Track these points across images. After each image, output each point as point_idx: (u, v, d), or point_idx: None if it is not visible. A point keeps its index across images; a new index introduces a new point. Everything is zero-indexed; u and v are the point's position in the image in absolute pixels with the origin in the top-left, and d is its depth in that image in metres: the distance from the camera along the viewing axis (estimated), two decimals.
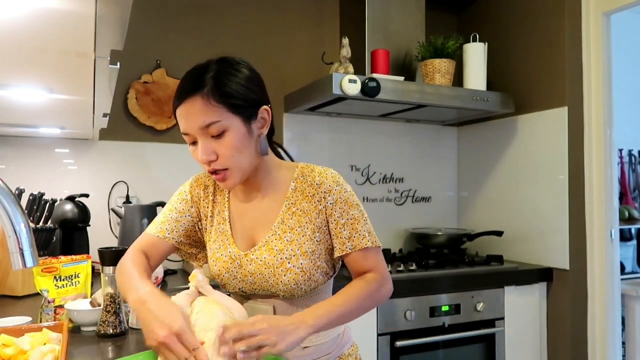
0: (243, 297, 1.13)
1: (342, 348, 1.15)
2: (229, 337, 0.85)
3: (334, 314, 0.98)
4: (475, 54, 2.50)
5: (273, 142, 1.16)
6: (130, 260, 1.08)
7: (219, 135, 0.99)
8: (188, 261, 1.23)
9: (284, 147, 1.22)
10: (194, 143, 1.03)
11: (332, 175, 1.09)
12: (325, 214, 1.08)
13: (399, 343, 2.02)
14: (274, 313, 1.08)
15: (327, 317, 0.97)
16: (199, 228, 1.18)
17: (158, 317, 0.88)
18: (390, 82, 2.21)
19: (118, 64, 1.10)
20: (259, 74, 1.08)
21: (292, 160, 1.20)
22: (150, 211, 2.07)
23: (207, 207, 1.16)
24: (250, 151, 1.04)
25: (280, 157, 1.19)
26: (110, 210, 2.19)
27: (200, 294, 1.02)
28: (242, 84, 1.02)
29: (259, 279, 1.07)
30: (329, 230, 1.09)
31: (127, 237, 2.01)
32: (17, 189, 1.78)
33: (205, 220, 1.16)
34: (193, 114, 0.98)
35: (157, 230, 1.14)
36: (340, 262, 1.15)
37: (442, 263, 2.30)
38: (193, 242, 1.19)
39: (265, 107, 1.06)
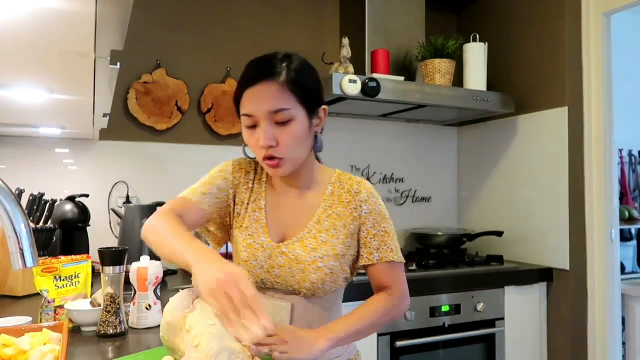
0: (261, 289, 1.13)
1: (350, 354, 1.16)
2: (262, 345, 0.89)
3: (352, 329, 1.04)
4: (475, 54, 2.50)
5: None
6: (164, 221, 1.02)
7: (283, 123, 1.02)
8: (207, 239, 1.22)
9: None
10: (253, 127, 1.04)
11: (369, 186, 1.14)
12: (359, 222, 1.11)
13: (399, 343, 2.02)
14: (292, 311, 1.09)
15: (344, 332, 1.03)
16: (229, 211, 1.17)
17: (219, 262, 0.87)
18: (390, 82, 2.21)
19: (118, 64, 1.10)
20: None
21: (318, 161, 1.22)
22: (150, 211, 2.07)
23: (245, 193, 1.16)
24: (307, 145, 1.08)
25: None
26: (110, 210, 2.19)
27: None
28: (313, 80, 1.07)
29: (286, 272, 1.08)
30: (358, 238, 1.12)
31: (127, 237, 2.01)
32: (17, 189, 1.78)
33: (241, 205, 1.16)
34: (265, 97, 1.00)
35: (197, 198, 1.11)
36: (356, 272, 1.17)
37: (442, 263, 2.30)
38: (220, 224, 1.19)
39: (324, 106, 1.10)
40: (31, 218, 1.82)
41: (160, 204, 2.15)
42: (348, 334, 1.03)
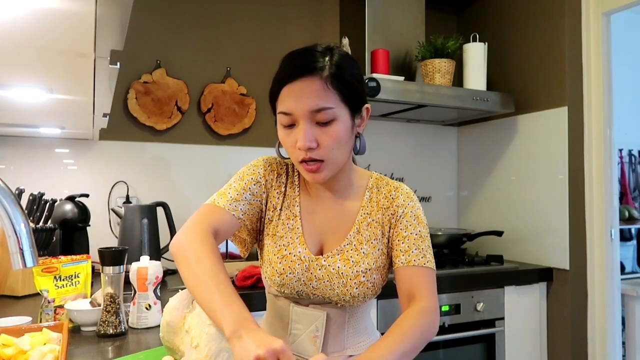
0: (293, 300, 1.07)
1: None
2: None
3: (395, 353, 0.89)
4: (475, 54, 2.50)
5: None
6: (199, 249, 0.91)
7: (325, 123, 0.94)
8: (236, 245, 1.13)
9: None
10: (291, 126, 0.96)
11: (408, 191, 1.08)
12: (395, 226, 1.05)
13: None
14: (327, 320, 1.05)
15: (390, 357, 0.88)
16: (262, 216, 1.09)
17: (258, 335, 0.78)
18: (390, 82, 2.21)
19: (118, 64, 1.10)
20: None
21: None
22: (150, 211, 2.07)
23: (277, 198, 1.08)
24: (349, 147, 1.01)
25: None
26: (110, 210, 2.19)
27: None
28: (357, 77, 0.99)
29: (325, 285, 1.03)
30: (390, 243, 1.05)
31: (127, 237, 2.01)
32: (17, 189, 1.78)
33: (273, 211, 1.07)
34: (307, 95, 0.92)
35: (232, 207, 1.01)
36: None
37: (442, 263, 2.30)
38: (250, 229, 1.09)
39: (367, 105, 1.03)
40: (31, 218, 1.81)
41: (160, 204, 2.15)
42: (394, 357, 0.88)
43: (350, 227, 1.05)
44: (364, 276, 1.02)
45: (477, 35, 2.55)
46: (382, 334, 1.19)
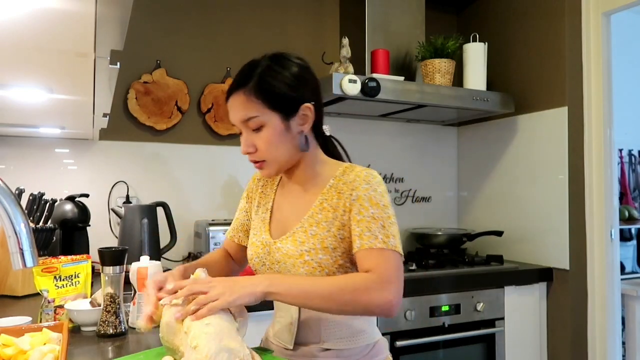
0: None
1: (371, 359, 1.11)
2: (181, 295, 0.92)
3: (297, 287, 0.95)
4: (475, 54, 2.50)
5: (331, 137, 1.19)
6: (212, 253, 1.28)
7: (257, 130, 1.05)
8: None
9: (342, 144, 1.21)
10: (242, 133, 1.09)
11: (367, 174, 1.07)
12: (350, 210, 1.05)
13: (399, 343, 2.02)
14: (300, 309, 1.08)
15: (288, 285, 0.95)
16: (250, 220, 1.24)
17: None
18: (390, 82, 2.21)
19: (118, 64, 1.10)
20: (309, 72, 1.10)
21: (347, 156, 1.19)
22: (150, 211, 2.07)
23: (258, 199, 1.23)
24: (288, 146, 1.07)
25: (338, 154, 1.19)
26: (110, 210, 2.19)
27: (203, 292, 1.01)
28: (285, 81, 1.05)
29: (282, 268, 1.08)
30: (349, 229, 1.06)
31: (127, 237, 2.01)
32: (17, 189, 1.78)
33: (255, 210, 1.22)
34: (236, 108, 1.06)
35: (231, 234, 1.28)
36: None
37: (442, 263, 2.30)
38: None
39: (307, 104, 1.06)
40: (31, 218, 1.81)
41: (160, 204, 2.15)
42: (292, 291, 0.94)
43: (307, 212, 1.10)
44: (307, 255, 1.04)
45: (477, 35, 2.55)
46: (383, 334, 1.19)
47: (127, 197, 2.25)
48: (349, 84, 2.10)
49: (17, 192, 1.76)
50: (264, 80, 1.03)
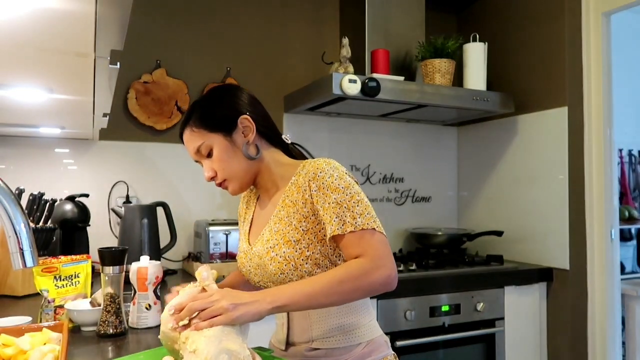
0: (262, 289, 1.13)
1: (364, 358, 1.10)
2: (183, 317, 0.90)
3: (298, 293, 0.94)
4: (475, 54, 2.50)
5: (293, 143, 1.24)
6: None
7: (209, 154, 1.13)
8: None
9: (304, 147, 1.27)
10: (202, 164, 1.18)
11: (320, 162, 1.08)
12: (312, 202, 1.06)
13: (399, 343, 2.02)
14: None
15: (289, 294, 0.94)
16: None
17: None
18: (390, 82, 2.21)
19: (118, 64, 1.11)
20: (237, 89, 1.18)
21: (312, 158, 1.20)
22: (150, 211, 2.07)
23: (243, 215, 1.30)
24: (239, 159, 1.13)
25: (304, 158, 1.22)
26: (110, 210, 2.19)
27: (204, 290, 1.01)
28: (214, 105, 1.14)
29: (261, 270, 1.11)
30: (318, 219, 1.06)
31: (127, 237, 2.01)
32: (17, 189, 1.78)
33: (240, 227, 1.30)
34: (187, 143, 1.16)
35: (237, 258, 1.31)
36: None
37: (442, 263, 2.30)
38: None
39: (243, 116, 1.12)
40: (31, 218, 1.81)
41: (160, 204, 2.15)
42: (294, 298, 0.94)
43: (273, 213, 1.14)
44: (273, 251, 1.08)
45: (477, 35, 2.55)
46: (385, 333, 1.19)
47: (127, 197, 2.25)
48: (349, 84, 2.10)
49: (17, 192, 1.76)
50: (199, 111, 1.13)
